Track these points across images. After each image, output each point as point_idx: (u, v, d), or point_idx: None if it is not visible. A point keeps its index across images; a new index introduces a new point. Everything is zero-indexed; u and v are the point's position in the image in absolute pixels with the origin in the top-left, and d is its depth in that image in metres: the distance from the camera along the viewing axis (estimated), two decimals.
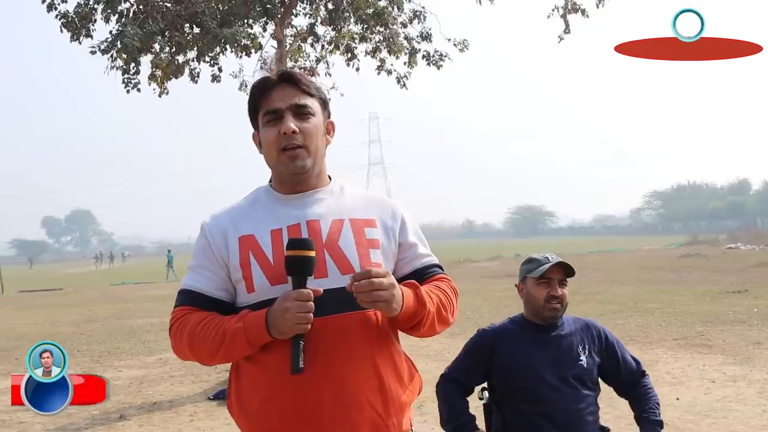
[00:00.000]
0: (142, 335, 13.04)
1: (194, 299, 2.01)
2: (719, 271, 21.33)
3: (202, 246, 2.05)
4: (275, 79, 2.03)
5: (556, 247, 44.34)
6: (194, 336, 1.93)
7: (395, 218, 2.11)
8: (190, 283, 2.03)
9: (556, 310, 2.97)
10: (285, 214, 2.01)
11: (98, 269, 57.83)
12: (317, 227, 1.98)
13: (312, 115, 2.01)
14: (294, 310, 1.79)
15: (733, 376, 7.40)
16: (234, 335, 1.87)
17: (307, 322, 1.80)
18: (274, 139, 1.98)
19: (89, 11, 9.13)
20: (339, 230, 1.99)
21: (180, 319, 1.99)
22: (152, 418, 6.75)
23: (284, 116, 1.98)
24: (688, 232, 59.50)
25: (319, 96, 2.07)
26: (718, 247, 35.72)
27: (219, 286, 2.01)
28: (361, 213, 2.07)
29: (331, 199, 2.06)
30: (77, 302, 22.25)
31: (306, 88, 2.03)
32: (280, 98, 2.00)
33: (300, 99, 2.01)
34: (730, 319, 11.34)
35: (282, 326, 1.81)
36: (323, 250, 1.94)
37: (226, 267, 2.00)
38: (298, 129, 1.97)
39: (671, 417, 5.97)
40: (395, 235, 2.09)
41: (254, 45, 10.43)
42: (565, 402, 2.90)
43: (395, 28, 10.68)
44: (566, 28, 11.02)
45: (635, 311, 13.01)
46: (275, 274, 1.92)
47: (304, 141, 1.98)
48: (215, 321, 1.92)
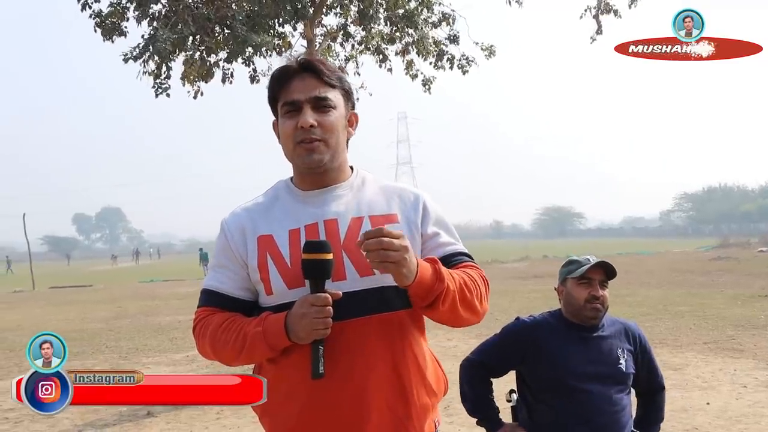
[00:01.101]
0: (170, 332, 13.14)
1: (216, 300, 1.98)
2: (751, 275, 21.03)
3: (222, 245, 2.01)
4: (296, 67, 1.94)
5: (585, 248, 44.04)
6: (216, 339, 1.91)
7: (416, 209, 2.01)
8: (212, 284, 2.00)
9: (597, 310, 2.92)
10: (303, 212, 1.95)
11: (114, 267, 58.29)
12: (335, 227, 1.91)
13: (333, 108, 1.93)
14: (311, 315, 1.75)
15: (765, 381, 7.27)
16: (254, 339, 1.84)
17: (326, 327, 1.77)
18: (292, 131, 1.91)
19: (122, 10, 9.21)
20: (358, 229, 1.91)
21: (202, 321, 1.97)
22: (179, 415, 6.80)
23: (303, 108, 1.90)
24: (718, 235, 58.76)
25: (342, 86, 1.99)
26: (750, 250, 35.22)
27: (240, 285, 1.97)
28: (382, 208, 1.99)
29: (350, 195, 1.99)
30: (106, 299, 22.51)
31: (328, 78, 1.94)
32: (299, 89, 1.92)
33: (321, 91, 1.92)
34: (761, 324, 11.17)
35: (300, 332, 1.78)
36: (341, 251, 1.88)
37: (246, 266, 1.96)
38: (317, 122, 1.90)
39: (702, 422, 5.89)
40: (417, 227, 1.99)
41: (284, 44, 10.45)
42: (601, 403, 2.86)
43: (425, 29, 10.64)
44: (598, 28, 10.91)
45: (665, 314, 12.86)
46: (292, 277, 1.87)
47: (323, 135, 1.90)
48: (236, 323, 1.90)
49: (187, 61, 9.65)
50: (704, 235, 75.24)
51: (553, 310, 3.11)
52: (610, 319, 3.05)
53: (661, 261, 30.48)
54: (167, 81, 9.44)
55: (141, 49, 8.92)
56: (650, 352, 3.09)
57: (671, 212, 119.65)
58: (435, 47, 10.83)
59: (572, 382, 2.85)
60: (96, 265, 64.65)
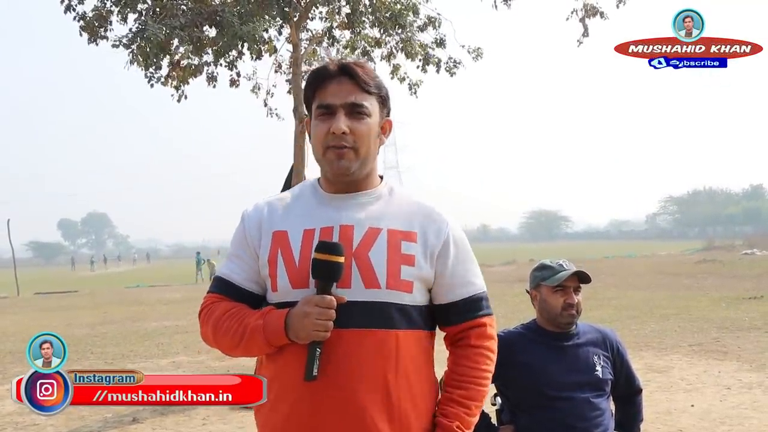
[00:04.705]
0: (156, 338, 13.08)
1: (225, 288, 1.98)
2: (735, 277, 21.18)
3: (240, 235, 2.01)
4: (334, 70, 1.91)
5: (572, 252, 44.28)
6: (218, 326, 1.92)
7: (439, 236, 1.93)
8: (224, 271, 2.00)
9: (572, 317, 2.95)
10: (322, 214, 1.92)
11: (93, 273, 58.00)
12: (350, 233, 1.87)
13: (367, 116, 1.89)
14: (314, 316, 1.75)
15: (748, 383, 7.33)
16: (254, 332, 1.84)
17: (326, 330, 1.76)
18: (323, 136, 1.87)
19: (106, 13, 9.19)
20: (373, 240, 1.87)
21: (209, 307, 1.97)
22: (165, 421, 6.76)
23: (337, 114, 1.86)
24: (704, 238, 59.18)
25: (379, 93, 1.94)
26: (734, 253, 35.50)
27: (250, 277, 1.96)
28: (403, 223, 1.92)
29: (375, 204, 1.94)
30: (92, 304, 22.37)
31: (365, 85, 1.90)
32: (335, 93, 1.88)
33: (357, 97, 1.88)
34: (746, 326, 11.26)
35: (299, 331, 1.77)
36: (351, 259, 1.84)
37: (258, 259, 1.95)
38: (350, 130, 1.86)
39: (686, 424, 5.93)
40: (433, 255, 1.92)
41: (269, 48, 10.45)
42: (582, 409, 2.88)
43: (412, 31, 10.65)
44: (585, 31, 10.95)
45: (651, 317, 12.94)
46: (298, 276, 1.86)
47: (355, 143, 1.87)
48: (240, 314, 1.90)
49: (172, 63, 9.64)
50: (690, 238, 75.75)
51: (526, 323, 3.13)
52: (585, 326, 3.07)
53: (647, 264, 30.65)
54: (159, 72, 9.45)
55: (130, 39, 8.89)
56: (627, 359, 3.12)
57: (657, 215, 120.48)
58: (422, 50, 10.84)
59: (551, 392, 2.88)
60: (82, 271, 64.27)
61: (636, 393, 3.17)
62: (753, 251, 35.51)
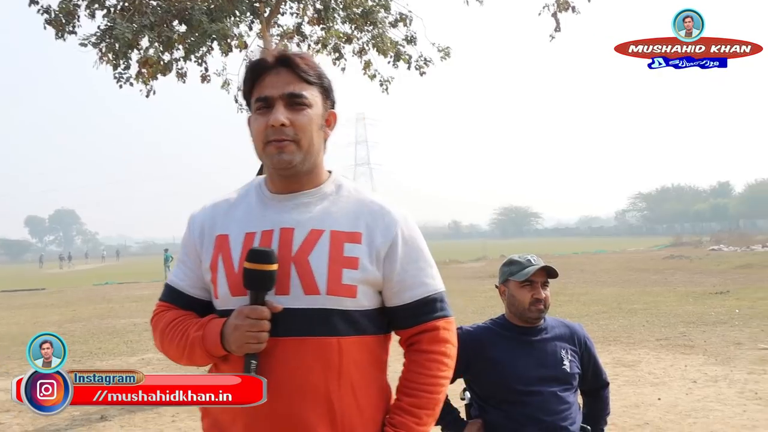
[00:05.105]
0: (125, 335, 12.95)
1: (172, 296, 1.93)
2: (702, 273, 21.49)
3: (185, 240, 1.94)
4: (272, 61, 1.81)
5: (542, 248, 44.58)
6: (164, 336, 1.87)
7: (387, 235, 1.81)
8: (172, 278, 1.94)
9: (540, 311, 2.97)
10: (263, 216, 1.83)
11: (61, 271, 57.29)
12: (290, 237, 1.77)
13: (307, 107, 1.79)
14: (244, 328, 1.67)
15: (714, 376, 7.44)
16: (194, 343, 1.78)
17: (259, 341, 1.68)
18: (262, 130, 1.77)
19: (73, 7, 9.07)
20: (314, 243, 1.77)
21: (157, 316, 1.92)
22: (134, 418, 6.70)
23: (275, 106, 1.77)
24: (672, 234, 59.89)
25: (321, 83, 1.84)
26: (702, 249, 36.01)
27: (195, 284, 1.90)
28: (348, 224, 1.81)
29: (319, 204, 1.83)
30: (60, 302, 22.09)
31: (305, 74, 1.80)
32: (273, 85, 1.79)
33: (296, 87, 1.78)
34: (712, 320, 11.43)
35: (232, 344, 1.70)
36: (290, 264, 1.74)
37: (201, 265, 1.88)
38: (289, 121, 1.76)
39: (653, 417, 6.00)
40: (380, 256, 1.80)
41: (240, 44, 10.39)
42: (549, 403, 2.90)
43: (383, 27, 10.65)
44: (557, 26, 11.01)
45: (619, 312, 13.08)
46: (238, 284, 1.75)
47: (296, 135, 1.76)
48: (183, 324, 1.84)
49: (142, 59, 9.55)
50: (658, 234, 76.65)
51: (495, 318, 3.14)
52: (554, 321, 3.10)
53: (616, 260, 30.97)
54: (127, 71, 9.35)
55: (98, 37, 8.78)
56: (594, 353, 3.16)
57: (626, 212, 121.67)
58: (393, 47, 10.84)
59: (520, 387, 2.90)
60: (51, 268, 63.44)
61: (603, 387, 3.20)
62: (720, 247, 36.05)
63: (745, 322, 11.07)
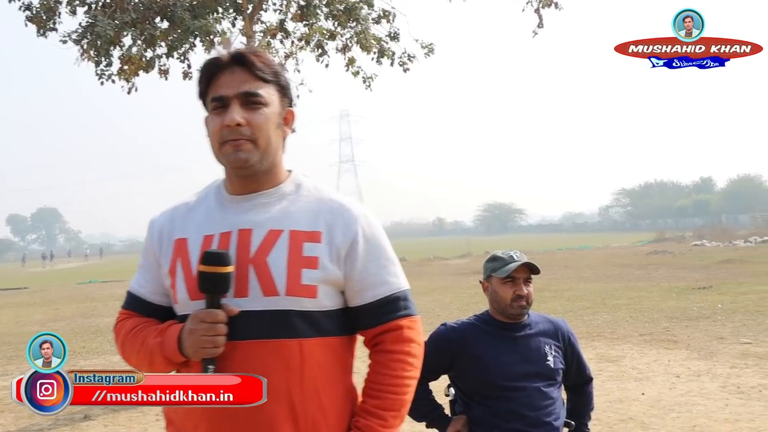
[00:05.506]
0: (108, 334, 12.84)
1: (133, 303, 1.91)
2: (685, 268, 21.62)
3: (146, 245, 1.91)
4: (226, 60, 1.78)
5: (526, 244, 44.73)
6: (125, 345, 1.85)
7: (347, 233, 1.78)
8: (133, 285, 1.92)
9: (522, 308, 2.98)
10: (222, 218, 1.80)
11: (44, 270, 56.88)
12: (248, 238, 1.75)
13: (264, 105, 1.76)
14: (199, 332, 1.65)
15: (697, 371, 7.50)
16: (153, 350, 1.76)
17: (215, 346, 1.66)
18: (218, 130, 1.74)
19: (54, 3, 8.99)
20: (272, 243, 1.74)
21: (118, 324, 1.90)
22: (117, 417, 6.67)
23: (230, 105, 1.74)
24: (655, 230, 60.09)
25: (277, 81, 1.81)
26: (685, 244, 36.23)
27: (156, 290, 1.88)
28: (308, 223, 1.77)
29: (278, 204, 1.80)
30: (43, 301, 21.96)
31: (260, 72, 1.77)
32: (227, 84, 1.76)
33: (251, 86, 1.75)
34: (695, 315, 11.50)
35: (188, 348, 1.69)
36: (248, 265, 1.72)
37: (161, 270, 1.85)
38: (245, 121, 1.73)
39: (637, 412, 6.04)
40: (340, 254, 1.77)
41: (223, 41, 10.34)
42: (533, 399, 2.91)
43: (366, 23, 10.64)
44: (540, 22, 11.03)
45: (603, 307, 13.14)
46: (196, 287, 1.72)
47: (252, 134, 1.74)
48: (144, 332, 1.81)
49: (124, 57, 9.49)
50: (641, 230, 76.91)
51: (479, 314, 3.15)
52: (537, 316, 3.11)
53: (600, 256, 31.10)
54: (109, 68, 9.29)
55: (80, 34, 8.72)
56: (578, 348, 3.17)
57: (610, 208, 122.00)
58: (376, 43, 10.83)
59: (503, 382, 2.91)
60: (34, 267, 62.96)
61: (587, 382, 3.21)
62: (702, 242, 36.28)
63: (727, 316, 11.16)
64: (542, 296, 14.66)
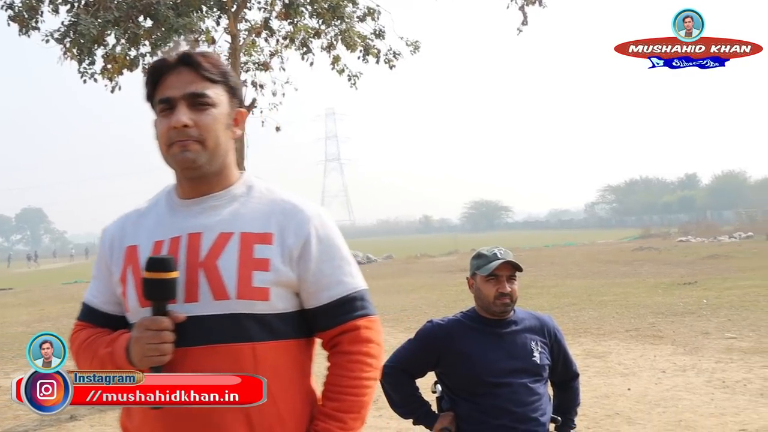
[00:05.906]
0: None
1: (87, 314, 1.88)
2: (670, 264, 21.74)
3: (99, 254, 1.88)
4: (173, 61, 1.74)
5: (512, 241, 44.84)
6: (79, 358, 1.81)
7: (299, 234, 1.74)
8: (86, 296, 1.89)
9: (506, 305, 2.99)
10: (172, 223, 1.77)
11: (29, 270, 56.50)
12: (197, 242, 1.71)
13: (211, 106, 1.72)
14: (144, 340, 1.62)
15: (682, 366, 7.54)
16: (104, 361, 1.72)
17: (161, 354, 1.62)
18: (165, 132, 1.71)
19: (36, 2, 8.93)
20: (223, 246, 1.70)
21: (72, 336, 1.87)
22: (104, 417, 6.64)
23: (177, 107, 1.70)
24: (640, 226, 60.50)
25: (226, 81, 1.78)
26: (670, 240, 36.46)
27: (109, 300, 1.84)
28: (259, 225, 1.74)
29: (229, 206, 1.77)
30: (28, 302, 21.78)
31: (207, 73, 1.73)
32: (174, 85, 1.72)
33: (198, 87, 1.72)
34: (680, 311, 11.58)
35: (134, 357, 1.65)
36: (198, 270, 1.68)
37: (112, 278, 1.82)
38: (193, 122, 1.69)
39: (623, 407, 6.07)
40: (292, 256, 1.73)
41: (207, 39, 10.31)
42: (520, 395, 2.92)
43: (351, 21, 10.63)
44: (524, 19, 11.06)
45: (589, 304, 13.20)
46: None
47: (200, 135, 1.70)
48: (96, 343, 1.78)
49: (108, 55, 9.43)
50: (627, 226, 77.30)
51: (465, 310, 3.15)
52: (524, 313, 3.12)
53: (586, 252, 31.21)
54: (92, 67, 9.24)
55: (62, 33, 8.66)
56: (564, 344, 3.18)
57: (596, 204, 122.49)
58: (361, 41, 10.83)
59: (490, 379, 2.92)
60: (19, 267, 62.54)
61: (573, 378, 3.23)
62: (688, 238, 36.52)
63: (712, 312, 11.23)
64: (529, 293, 14.71)
